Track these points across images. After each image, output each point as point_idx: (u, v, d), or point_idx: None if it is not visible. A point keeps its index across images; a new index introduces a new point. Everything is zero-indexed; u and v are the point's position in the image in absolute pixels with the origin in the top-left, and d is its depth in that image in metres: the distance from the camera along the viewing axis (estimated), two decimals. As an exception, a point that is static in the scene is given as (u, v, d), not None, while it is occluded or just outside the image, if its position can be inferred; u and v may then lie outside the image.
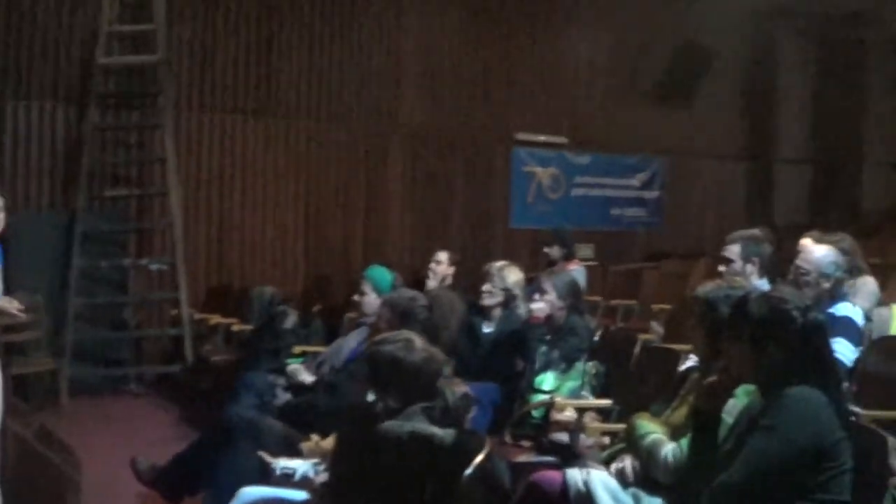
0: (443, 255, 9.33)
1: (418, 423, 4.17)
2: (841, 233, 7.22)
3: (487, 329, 7.31)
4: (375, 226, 13.79)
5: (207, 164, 12.86)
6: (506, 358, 6.96)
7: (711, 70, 15.69)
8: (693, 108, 15.87)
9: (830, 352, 4.11)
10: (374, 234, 13.75)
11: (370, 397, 4.49)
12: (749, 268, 6.39)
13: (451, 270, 9.23)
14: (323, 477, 4.81)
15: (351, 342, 7.03)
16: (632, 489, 4.36)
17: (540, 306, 6.82)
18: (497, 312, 7.38)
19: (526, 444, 5.93)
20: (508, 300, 7.41)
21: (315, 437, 5.36)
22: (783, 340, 3.86)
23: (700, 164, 16.33)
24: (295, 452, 5.28)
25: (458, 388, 4.57)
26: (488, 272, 7.47)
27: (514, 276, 7.50)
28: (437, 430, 4.13)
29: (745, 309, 3.99)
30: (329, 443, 5.05)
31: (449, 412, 4.29)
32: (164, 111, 11.75)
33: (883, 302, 7.22)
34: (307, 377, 6.99)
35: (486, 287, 7.40)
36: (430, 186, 14.16)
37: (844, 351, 5.67)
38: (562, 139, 15.10)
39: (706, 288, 4.76)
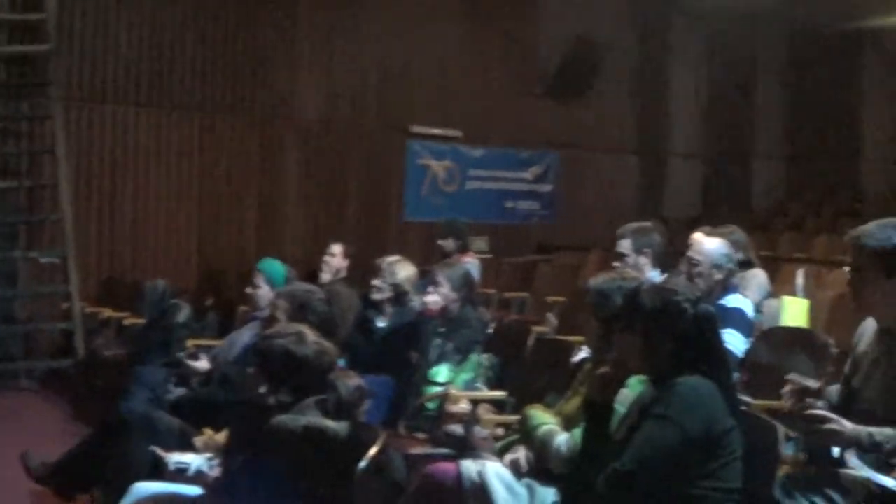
0: (337, 248, 9.29)
1: (312, 417, 4.16)
2: (732, 226, 7.35)
3: (381, 324, 7.30)
4: (269, 219, 13.68)
5: (99, 155, 12.64)
6: (400, 351, 6.96)
7: (604, 65, 15.84)
8: (586, 102, 16.01)
9: (721, 342, 4.18)
10: (268, 227, 13.64)
11: (262, 391, 4.46)
12: (642, 260, 6.44)
13: (345, 263, 9.21)
14: (217, 471, 4.77)
15: (244, 336, 6.96)
16: (526, 480, 4.39)
17: (434, 299, 6.81)
18: (389, 307, 7.38)
19: (420, 436, 5.93)
20: (399, 295, 7.40)
21: (209, 432, 5.30)
22: (674, 331, 3.92)
23: (593, 157, 16.47)
24: (189, 447, 5.22)
25: (351, 381, 4.56)
26: (379, 267, 7.46)
27: (404, 271, 7.47)
28: (330, 424, 4.12)
29: (638, 300, 4.04)
30: (222, 437, 5.01)
31: (342, 405, 4.29)
32: (54, 102, 11.52)
33: (773, 294, 7.36)
34: (203, 364, 6.91)
35: (375, 282, 7.39)
36: (325, 179, 14.08)
37: (735, 342, 5.77)
38: (456, 132, 15.13)
39: (599, 280, 4.81)
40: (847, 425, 3.93)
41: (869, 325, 4.34)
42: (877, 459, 3.94)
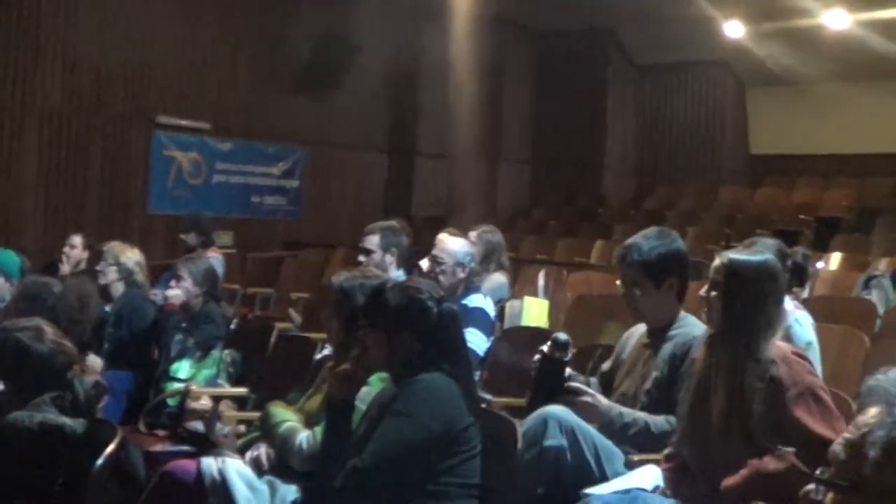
0: (77, 239, 9.05)
1: (48, 414, 4.04)
2: (491, 225, 7.53)
3: (108, 308, 7.17)
4: (7, 209, 13.16)
5: None
6: (140, 346, 6.83)
7: (355, 62, 15.90)
8: (335, 99, 16.05)
9: (463, 341, 4.27)
10: (6, 217, 13.13)
11: (-4, 387, 4.31)
12: (388, 258, 6.53)
13: (85, 255, 8.97)
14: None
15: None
16: (267, 477, 4.37)
17: (176, 293, 6.71)
18: (119, 289, 7.25)
19: (161, 433, 5.84)
20: (125, 276, 7.28)
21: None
22: (418, 329, 3.98)
23: (341, 154, 16.53)
24: None
25: (89, 378, 4.45)
26: (100, 251, 7.37)
27: (129, 253, 7.37)
28: (67, 421, 4.01)
29: (382, 298, 4.09)
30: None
31: (79, 403, 4.17)
32: None
33: (514, 294, 7.55)
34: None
35: (99, 266, 7.28)
36: (66, 167, 13.65)
37: (477, 341, 5.89)
38: (204, 124, 14.92)
39: (341, 277, 4.84)
40: (602, 401, 4.19)
41: (637, 330, 4.59)
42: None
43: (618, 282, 4.61)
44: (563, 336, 4.35)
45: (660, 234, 4.64)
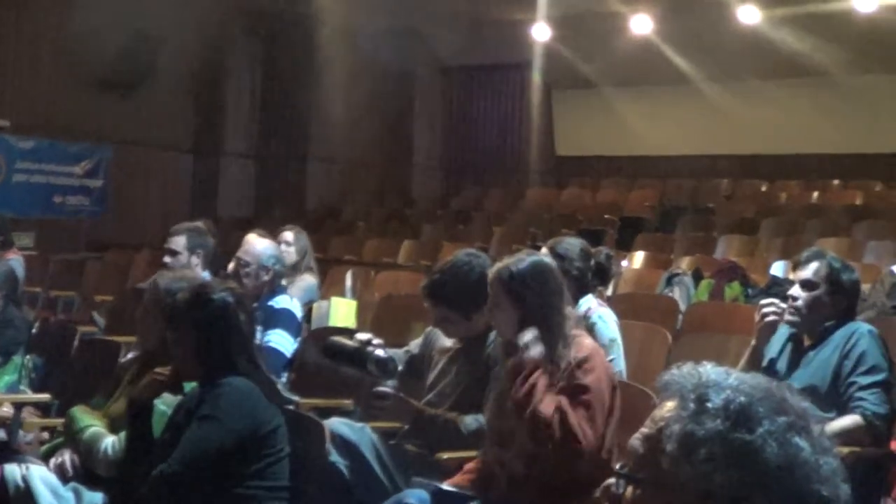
0: None
1: None
2: (299, 228, 7.54)
3: None
4: None
5: None
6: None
7: (161, 61, 15.67)
8: (141, 97, 15.79)
9: (250, 340, 4.27)
10: None
11: None
12: (194, 259, 6.47)
13: None
14: None
15: None
16: (72, 484, 4.31)
17: (-26, 296, 6.53)
18: None
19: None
20: None
21: None
22: (201, 323, 3.98)
23: (146, 154, 16.27)
24: None
25: None
26: None
27: None
28: None
29: (180, 298, 4.10)
30: None
31: None
32: None
33: (322, 296, 7.57)
34: None
35: None
36: None
37: (282, 342, 5.89)
38: (3, 122, 14.48)
39: (159, 276, 4.82)
40: (413, 403, 4.29)
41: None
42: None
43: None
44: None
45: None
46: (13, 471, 4.28)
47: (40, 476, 4.27)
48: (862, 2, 14.42)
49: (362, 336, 4.58)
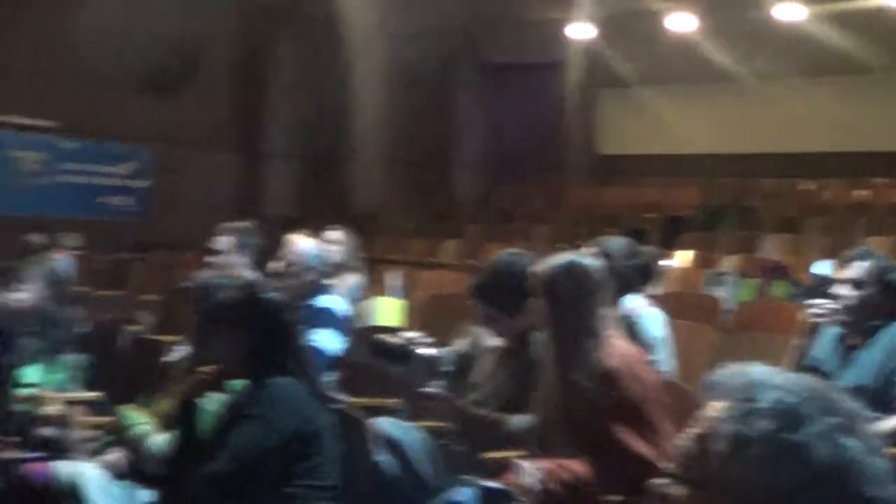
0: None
1: None
2: (344, 228, 7.57)
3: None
4: None
5: None
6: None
7: (204, 62, 15.76)
8: (184, 98, 15.88)
9: (299, 340, 4.30)
10: None
11: None
12: (239, 259, 6.50)
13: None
14: None
15: None
16: (121, 481, 4.35)
17: (22, 297, 6.58)
18: None
19: (11, 439, 5.73)
20: None
21: None
22: (249, 326, 4.00)
23: (190, 154, 16.35)
24: None
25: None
26: None
27: None
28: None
29: (228, 297, 4.11)
30: None
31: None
32: None
33: (368, 295, 7.59)
34: None
35: None
36: None
37: (328, 341, 5.91)
38: (50, 123, 14.62)
39: (203, 275, 4.84)
40: (459, 402, 4.44)
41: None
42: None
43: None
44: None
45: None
46: (64, 468, 4.32)
47: (90, 474, 4.31)
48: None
49: (408, 334, 4.60)
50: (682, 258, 11.24)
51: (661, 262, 8.91)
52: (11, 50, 14.08)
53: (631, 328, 4.91)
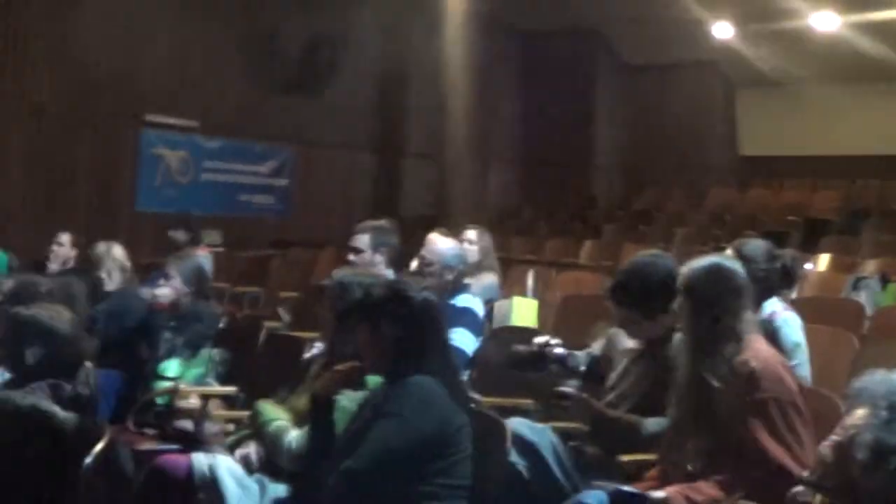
0: (65, 237, 9.02)
1: (41, 400, 4.02)
2: (482, 227, 7.56)
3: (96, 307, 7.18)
4: (-8, 204, 13.14)
5: None
6: (128, 344, 6.82)
7: (343, 61, 15.90)
8: (324, 98, 16.04)
9: (445, 335, 4.28)
10: (-9, 214, 13.09)
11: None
12: (378, 257, 6.51)
13: (73, 253, 8.94)
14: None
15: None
16: (257, 475, 4.38)
17: (165, 292, 6.69)
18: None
19: (150, 432, 5.82)
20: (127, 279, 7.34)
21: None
22: (400, 320, 3.99)
23: (329, 153, 16.52)
24: None
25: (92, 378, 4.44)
26: (98, 257, 7.45)
27: (119, 251, 7.47)
28: (58, 411, 3.99)
29: (369, 293, 4.11)
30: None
31: (80, 399, 4.16)
32: None
33: (503, 295, 7.55)
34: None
35: (102, 272, 7.33)
36: (53, 165, 13.61)
37: (465, 340, 5.89)
38: (192, 123, 14.90)
39: (341, 272, 4.86)
40: (594, 403, 4.40)
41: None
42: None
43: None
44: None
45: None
46: (201, 460, 4.36)
47: (226, 466, 4.34)
48: None
49: (541, 339, 4.56)
50: (822, 262, 10.98)
51: (801, 266, 8.71)
52: (156, 51, 14.36)
53: (771, 333, 4.79)
